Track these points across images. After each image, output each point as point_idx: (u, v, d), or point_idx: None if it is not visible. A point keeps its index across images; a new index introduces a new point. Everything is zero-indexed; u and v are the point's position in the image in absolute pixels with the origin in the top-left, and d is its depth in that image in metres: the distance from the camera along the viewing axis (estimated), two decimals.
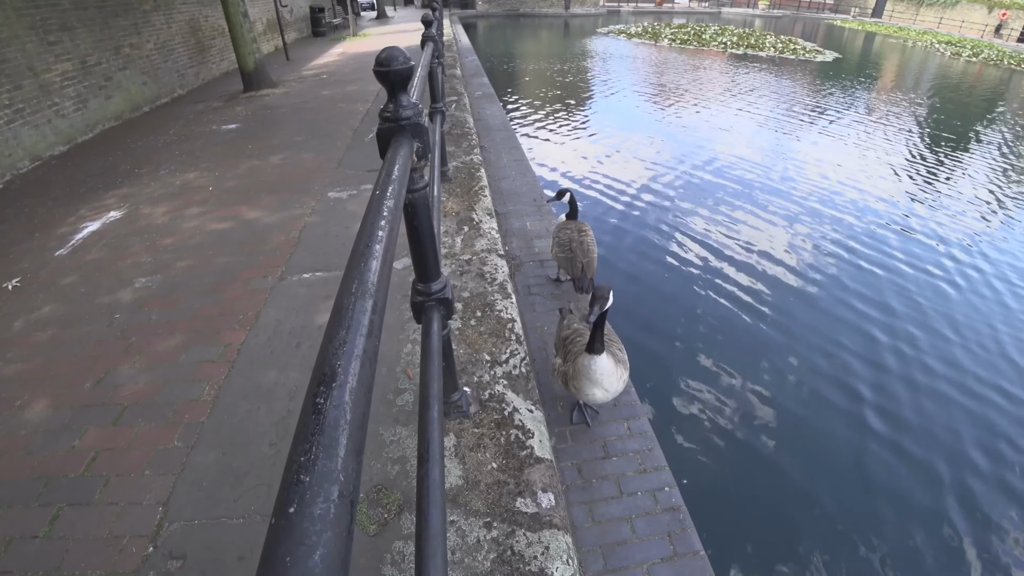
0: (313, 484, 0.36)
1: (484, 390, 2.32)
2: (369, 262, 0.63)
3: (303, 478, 0.36)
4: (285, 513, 0.34)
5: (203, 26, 9.67)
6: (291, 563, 0.31)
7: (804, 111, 12.27)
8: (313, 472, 0.36)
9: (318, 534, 0.33)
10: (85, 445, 2.20)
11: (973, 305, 5.05)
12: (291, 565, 0.31)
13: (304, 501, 0.35)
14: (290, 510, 0.34)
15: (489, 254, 3.53)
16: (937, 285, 5.35)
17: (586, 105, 11.78)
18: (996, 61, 23.15)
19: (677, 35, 24.85)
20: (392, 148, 1.14)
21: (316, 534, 0.33)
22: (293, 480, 0.36)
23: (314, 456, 0.37)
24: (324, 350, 0.47)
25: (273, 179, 4.93)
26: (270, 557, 0.32)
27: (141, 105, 7.69)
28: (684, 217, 6.43)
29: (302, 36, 16.17)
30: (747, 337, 4.36)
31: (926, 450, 3.39)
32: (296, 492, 0.35)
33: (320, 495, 0.35)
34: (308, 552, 0.32)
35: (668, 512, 2.09)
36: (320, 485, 0.36)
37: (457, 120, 6.61)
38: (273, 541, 0.33)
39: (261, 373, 2.51)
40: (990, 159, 9.90)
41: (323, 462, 0.37)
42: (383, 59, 1.14)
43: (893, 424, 3.57)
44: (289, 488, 0.36)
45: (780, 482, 3.15)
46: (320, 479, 0.36)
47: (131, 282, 3.35)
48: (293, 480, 0.36)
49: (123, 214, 4.33)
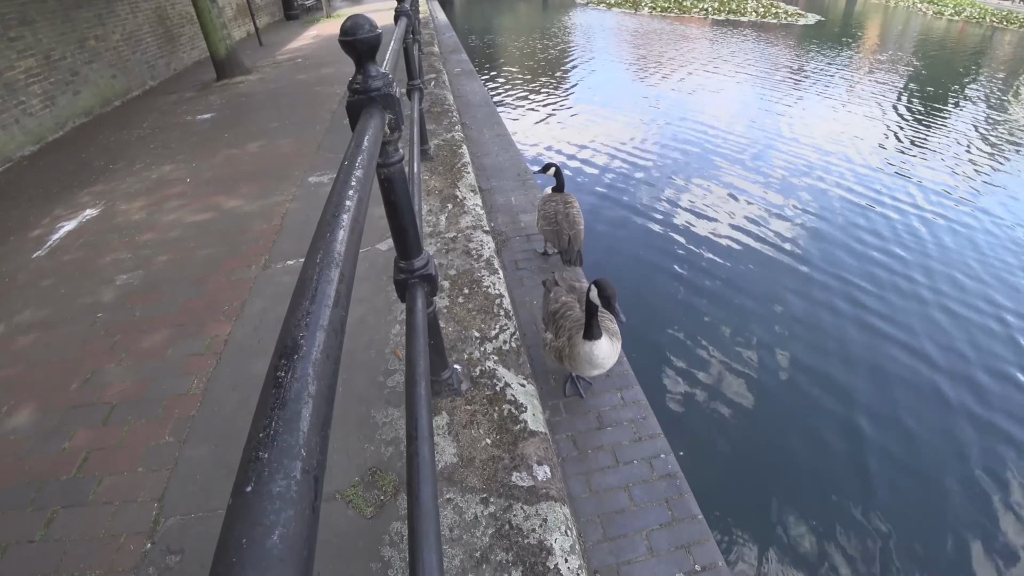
0: (272, 460, 0.33)
1: (475, 367, 2.31)
2: (336, 231, 0.60)
3: (261, 455, 0.34)
4: (242, 492, 0.32)
5: (170, 14, 9.36)
6: (247, 545, 0.29)
7: (789, 76, 12.17)
8: (272, 448, 0.34)
9: (277, 512, 0.31)
10: (75, 446, 2.17)
11: (958, 263, 5.09)
12: (247, 547, 0.29)
13: (262, 479, 0.32)
14: (247, 489, 0.32)
15: (474, 231, 3.49)
16: (922, 243, 5.38)
17: (567, 78, 11.61)
18: (978, 19, 23.01)
19: (657, 3, 24.41)
20: (362, 120, 1.10)
21: (275, 512, 0.31)
22: (251, 457, 0.34)
23: (273, 431, 0.35)
24: (287, 323, 0.45)
25: (252, 167, 4.83)
26: (226, 540, 0.30)
27: (111, 99, 7.46)
28: (669, 187, 6.40)
29: (274, 20, 15.72)
30: (735, 304, 4.38)
31: (910, 410, 3.44)
32: (254, 470, 0.33)
33: (279, 472, 0.33)
34: (266, 533, 0.30)
35: (665, 479, 2.10)
36: (279, 461, 0.33)
37: (436, 98, 6.48)
38: (229, 523, 0.31)
39: (249, 363, 2.48)
40: (972, 117, 9.90)
41: (283, 437, 0.35)
42: (348, 28, 1.09)
43: (878, 385, 3.62)
44: (247, 466, 0.33)
45: (772, 445, 3.20)
46: (279, 455, 0.34)
47: (112, 280, 3.28)
48: (251, 457, 0.34)
49: (99, 212, 4.22)
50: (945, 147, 8.21)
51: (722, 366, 3.72)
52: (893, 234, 5.51)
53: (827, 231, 5.50)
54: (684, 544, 1.87)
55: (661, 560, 1.82)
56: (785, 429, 3.28)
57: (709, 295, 4.46)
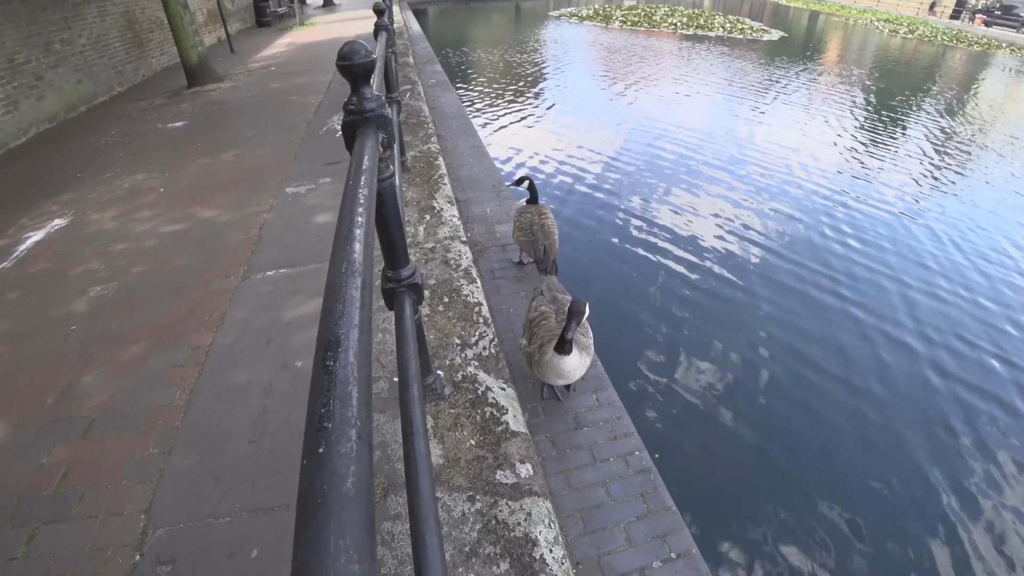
0: (335, 429, 0.42)
1: (457, 372, 2.38)
2: (353, 244, 0.68)
3: (326, 425, 0.42)
4: (315, 453, 0.40)
5: (140, 19, 9.21)
6: (328, 490, 0.38)
7: (755, 89, 12.66)
8: (334, 419, 0.42)
9: (347, 467, 0.39)
10: (55, 461, 2.15)
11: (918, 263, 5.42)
12: (328, 491, 0.37)
13: (330, 443, 0.41)
14: (319, 450, 0.40)
15: (452, 241, 3.58)
16: (882, 247, 5.70)
17: (541, 90, 11.82)
18: (931, 38, 24.43)
19: (628, 17, 25.05)
20: (359, 140, 1.18)
21: (345, 467, 0.39)
22: (317, 427, 0.42)
23: (332, 408, 0.43)
24: (325, 321, 0.53)
25: (227, 177, 4.81)
26: (308, 488, 0.38)
27: (77, 105, 7.30)
28: (641, 196, 6.61)
29: (246, 27, 15.56)
30: (704, 307, 4.56)
31: (875, 407, 3.66)
32: (323, 436, 0.41)
33: (343, 437, 0.41)
34: (341, 481, 0.38)
35: (640, 474, 2.21)
36: (342, 429, 0.42)
37: (412, 109, 6.56)
38: (309, 475, 0.39)
39: (233, 373, 2.50)
40: (926, 128, 10.49)
41: (341, 412, 0.43)
42: (346, 53, 1.17)
43: (842, 384, 3.83)
44: (315, 434, 0.42)
45: (740, 440, 3.36)
46: (341, 425, 0.42)
47: (85, 291, 3.24)
48: (317, 427, 0.42)
49: (69, 221, 4.15)
50: (902, 155, 8.72)
51: (692, 366, 3.88)
52: (857, 236, 5.84)
53: (792, 235, 5.78)
54: (660, 534, 1.98)
55: (639, 550, 1.93)
56: (753, 424, 3.45)
57: (680, 299, 4.64)
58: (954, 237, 6.07)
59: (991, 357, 4.14)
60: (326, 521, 0.36)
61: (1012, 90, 15.53)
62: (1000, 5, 29.15)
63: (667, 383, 3.75)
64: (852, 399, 3.67)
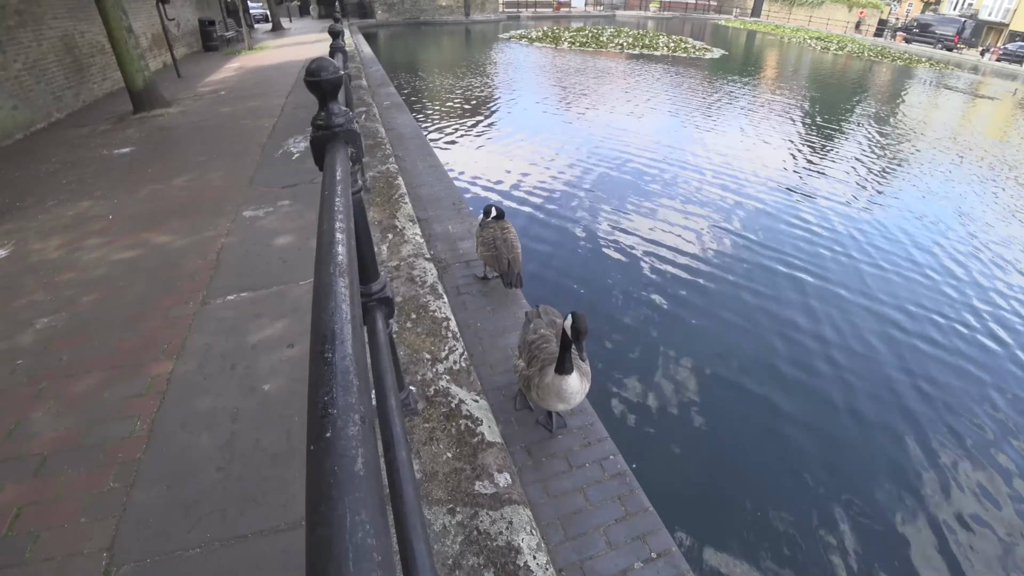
0: (340, 415, 0.43)
1: (429, 387, 2.38)
2: (337, 247, 0.70)
3: (331, 411, 0.43)
4: (323, 438, 0.42)
5: (79, 43, 8.90)
6: (339, 471, 0.39)
7: (699, 105, 13.21)
8: (337, 406, 0.44)
9: (355, 448, 0.41)
10: (4, 502, 2.02)
11: (853, 266, 5.74)
12: (339, 472, 0.39)
13: (337, 427, 0.42)
14: (327, 435, 0.42)
15: (416, 258, 3.58)
16: (825, 249, 6.01)
17: (495, 109, 12.01)
18: (858, 53, 26.24)
19: (576, 38, 25.81)
20: (329, 154, 1.20)
21: (354, 448, 0.41)
22: (321, 415, 0.43)
23: (334, 395, 0.45)
24: (318, 318, 0.54)
25: (180, 202, 4.68)
26: (319, 470, 0.39)
27: (13, 132, 6.96)
28: (596, 211, 6.77)
29: (192, 51, 15.23)
30: (666, 312, 4.69)
31: (836, 403, 3.83)
32: (328, 422, 0.43)
33: (349, 421, 0.43)
34: (351, 462, 0.40)
35: (616, 478, 2.25)
36: (346, 415, 0.43)
37: (369, 130, 6.56)
38: (318, 459, 0.40)
39: (197, 400, 2.42)
40: (860, 136, 11.19)
41: (343, 398, 0.45)
42: (314, 69, 1.19)
43: (803, 383, 4.00)
44: (319, 421, 0.43)
45: (707, 440, 3.45)
46: (345, 411, 0.44)
47: (31, 323, 3.08)
48: (321, 415, 0.43)
49: (9, 252, 3.94)
50: (838, 162, 9.24)
51: (658, 371, 3.97)
52: (806, 240, 6.13)
53: (742, 242, 6.02)
54: (640, 535, 2.01)
55: (620, 552, 1.95)
56: (722, 425, 3.55)
57: (640, 305, 4.76)
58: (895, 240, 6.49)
59: (963, 362, 4.39)
60: (340, 499, 0.37)
61: (933, 98, 16.77)
62: (918, 24, 31.63)
63: (634, 386, 3.82)
64: (817, 402, 3.84)
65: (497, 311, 3.32)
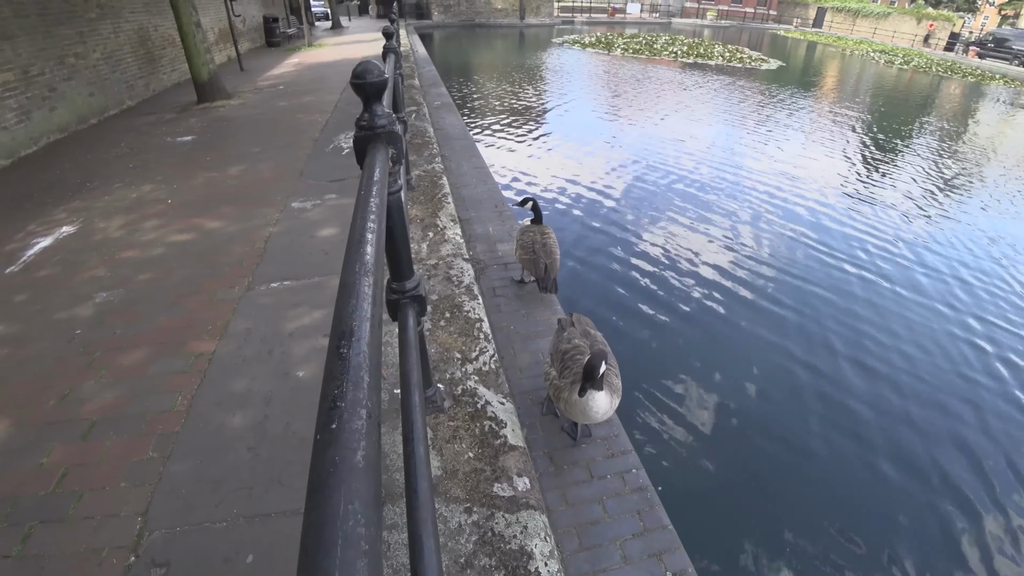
0: (347, 408, 0.45)
1: (457, 386, 2.41)
2: (366, 247, 0.72)
3: (339, 404, 0.45)
4: (328, 429, 0.44)
5: (152, 36, 9.44)
6: (339, 461, 0.41)
7: (753, 117, 12.87)
8: (346, 400, 0.46)
9: (357, 441, 0.43)
10: (53, 462, 2.16)
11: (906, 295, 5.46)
12: (340, 463, 0.41)
13: (343, 420, 0.44)
14: (332, 426, 0.44)
15: (455, 258, 3.63)
16: (884, 271, 5.75)
17: (544, 114, 12.03)
18: (925, 68, 24.97)
19: (630, 45, 25.59)
20: (370, 154, 1.23)
21: (356, 442, 0.43)
22: (330, 406, 0.46)
23: (344, 389, 0.47)
24: (339, 314, 0.57)
25: (233, 190, 4.89)
26: (321, 460, 0.41)
27: (88, 117, 7.44)
28: (641, 219, 6.69)
29: (256, 46, 15.91)
30: (702, 327, 4.59)
31: (869, 428, 3.66)
32: (335, 414, 0.45)
33: (355, 415, 0.45)
34: (351, 454, 0.41)
35: (636, 492, 2.22)
36: (353, 409, 0.45)
37: (417, 130, 6.68)
38: (322, 449, 0.42)
39: (234, 381, 2.52)
40: (925, 157, 10.65)
41: (353, 393, 0.47)
42: (359, 72, 1.23)
43: (836, 401, 3.84)
44: (327, 412, 0.45)
45: (737, 459, 3.36)
46: (353, 405, 0.46)
47: (90, 297, 3.28)
48: (330, 406, 0.46)
49: (76, 229, 4.21)
50: (900, 183, 8.82)
51: (690, 385, 3.89)
52: (855, 264, 5.88)
53: (796, 261, 5.83)
54: (656, 552, 1.98)
55: (635, 567, 1.93)
56: (751, 445, 3.45)
57: (678, 319, 4.67)
58: (955, 262, 6.14)
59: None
60: (337, 487, 0.39)
61: (1008, 118, 15.80)
62: (993, 38, 29.76)
63: (664, 400, 3.76)
64: (855, 422, 3.68)
65: (531, 315, 3.33)
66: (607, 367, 2.13)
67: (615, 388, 2.18)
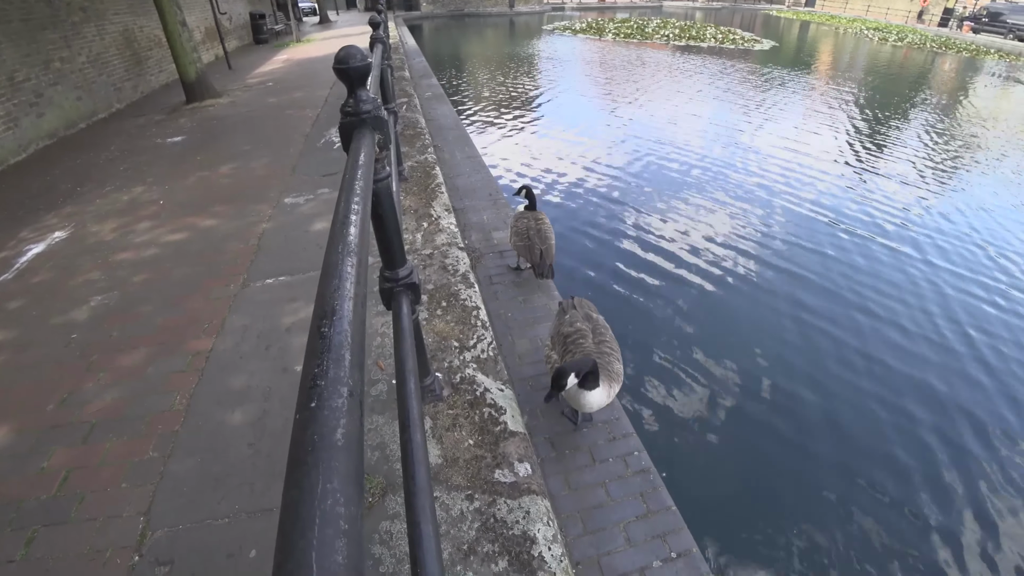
0: (328, 386, 0.44)
1: (455, 374, 2.40)
2: (349, 228, 0.71)
3: (319, 383, 0.44)
4: (308, 407, 0.42)
5: (138, 37, 9.33)
6: (319, 439, 0.39)
7: (746, 98, 12.78)
8: (327, 378, 0.44)
9: (337, 419, 0.41)
10: (54, 466, 2.16)
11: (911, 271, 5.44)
12: (319, 441, 0.39)
13: (323, 398, 0.43)
14: (312, 404, 0.42)
15: (450, 247, 3.61)
16: (879, 253, 5.73)
17: (536, 102, 11.94)
18: (919, 45, 24.79)
19: (621, 29, 25.39)
20: (355, 140, 1.21)
21: (336, 419, 0.41)
22: (310, 385, 0.44)
23: (325, 367, 0.46)
24: (321, 294, 0.55)
25: (226, 189, 4.86)
26: (300, 438, 0.40)
27: (77, 121, 7.38)
28: (636, 204, 6.65)
29: (243, 44, 15.75)
30: (699, 312, 4.58)
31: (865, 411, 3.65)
32: (315, 392, 0.43)
33: (335, 393, 0.43)
34: (331, 432, 0.40)
35: (639, 474, 2.22)
36: (334, 387, 0.44)
37: (409, 121, 6.63)
38: (302, 427, 0.41)
39: (232, 378, 2.51)
40: (920, 134, 10.58)
41: (334, 371, 0.45)
42: (342, 57, 1.21)
43: (843, 380, 3.83)
44: (308, 391, 0.44)
45: (737, 438, 3.35)
46: (333, 383, 0.44)
47: (86, 300, 3.26)
48: (310, 385, 0.44)
49: (69, 233, 4.18)
50: (897, 162, 8.76)
51: (689, 370, 3.88)
52: (855, 245, 5.84)
53: (795, 242, 5.80)
54: (660, 534, 1.98)
55: (639, 549, 1.93)
56: (755, 424, 3.45)
57: (675, 305, 4.65)
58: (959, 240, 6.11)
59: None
60: (315, 466, 0.38)
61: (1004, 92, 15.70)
62: (988, 13, 29.50)
63: (662, 384, 3.75)
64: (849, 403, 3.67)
65: (528, 301, 3.32)
66: (606, 356, 2.11)
67: (615, 375, 2.16)
